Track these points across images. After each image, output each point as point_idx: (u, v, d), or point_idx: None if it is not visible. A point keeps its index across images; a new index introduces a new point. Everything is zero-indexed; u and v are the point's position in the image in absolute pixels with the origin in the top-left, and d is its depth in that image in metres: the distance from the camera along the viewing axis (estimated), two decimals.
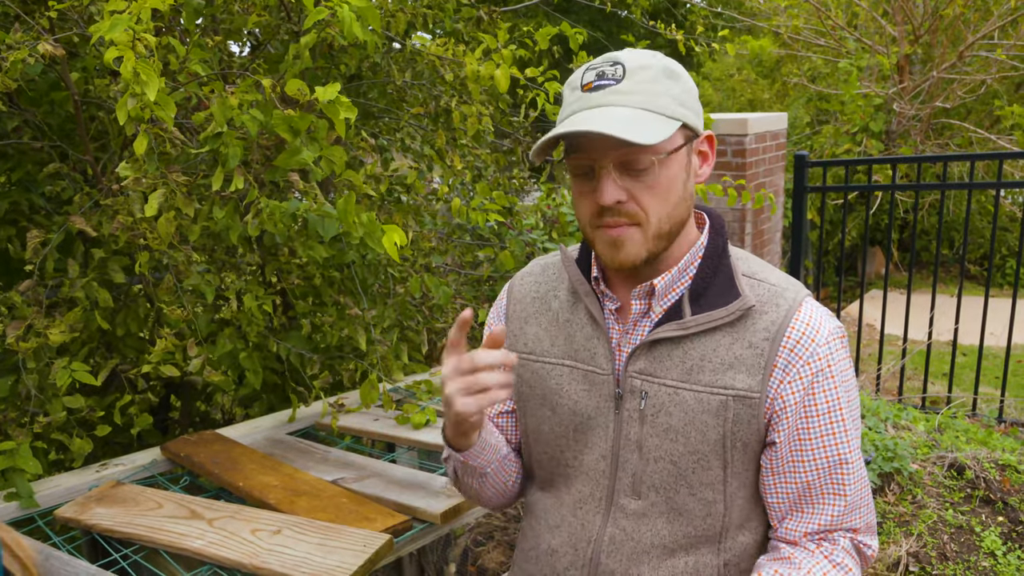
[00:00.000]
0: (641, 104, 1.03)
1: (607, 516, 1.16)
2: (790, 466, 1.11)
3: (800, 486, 1.11)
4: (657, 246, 1.08)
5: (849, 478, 1.11)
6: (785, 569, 1.10)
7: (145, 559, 1.75)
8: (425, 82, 2.93)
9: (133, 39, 1.58)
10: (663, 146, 1.04)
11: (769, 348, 1.07)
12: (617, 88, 1.04)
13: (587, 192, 1.07)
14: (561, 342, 1.19)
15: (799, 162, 4.49)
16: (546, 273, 1.27)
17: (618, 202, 1.04)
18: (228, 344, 2.29)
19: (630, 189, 1.04)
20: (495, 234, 3.57)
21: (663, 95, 1.04)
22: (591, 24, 10.11)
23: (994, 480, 3.00)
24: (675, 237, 1.10)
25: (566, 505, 1.20)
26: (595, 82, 1.05)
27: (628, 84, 1.04)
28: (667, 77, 1.06)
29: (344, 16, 1.75)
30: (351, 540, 1.64)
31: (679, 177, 1.07)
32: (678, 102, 1.05)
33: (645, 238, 1.06)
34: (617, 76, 1.04)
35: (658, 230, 1.06)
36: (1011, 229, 8.78)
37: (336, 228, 1.99)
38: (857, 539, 1.14)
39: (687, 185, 1.09)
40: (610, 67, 1.06)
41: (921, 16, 7.57)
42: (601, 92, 1.04)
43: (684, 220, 1.10)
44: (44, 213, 2.46)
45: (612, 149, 1.03)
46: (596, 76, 1.06)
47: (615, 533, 1.15)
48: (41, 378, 2.05)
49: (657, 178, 1.04)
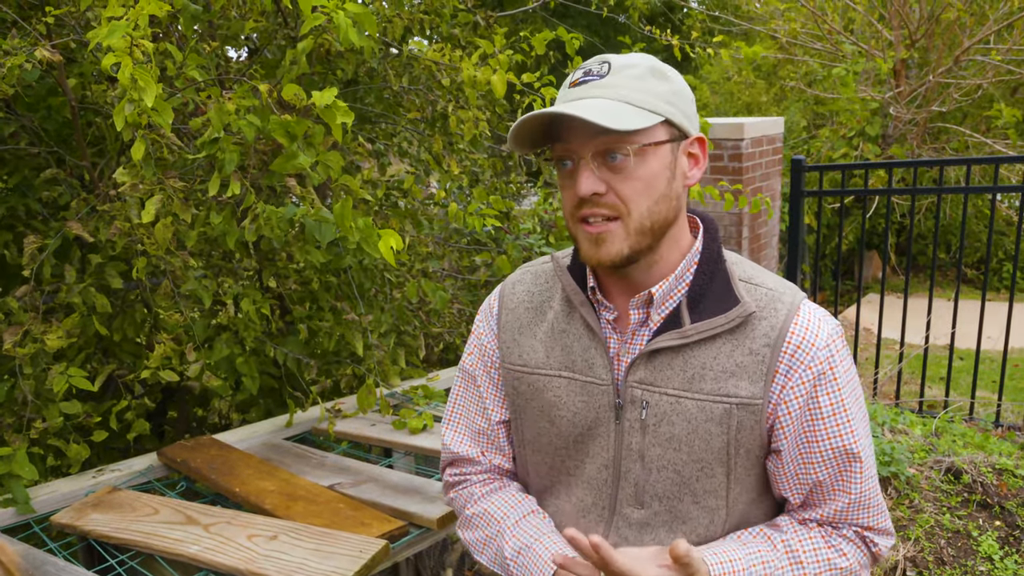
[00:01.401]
0: (621, 97, 1.03)
1: (609, 525, 1.16)
2: (801, 468, 1.11)
3: (811, 486, 1.12)
4: (639, 243, 1.06)
5: (857, 476, 1.10)
6: (770, 530, 1.13)
7: (141, 565, 1.75)
8: (422, 87, 2.94)
9: (131, 45, 1.58)
10: (640, 137, 1.03)
11: (770, 354, 1.07)
12: (600, 82, 1.05)
13: (568, 185, 1.08)
14: (558, 353, 1.18)
15: (796, 166, 4.50)
16: (538, 281, 1.25)
17: (596, 193, 1.04)
18: (225, 349, 2.29)
19: (609, 181, 1.04)
20: (492, 239, 3.58)
21: (646, 91, 1.05)
22: (588, 29, 10.13)
23: (991, 484, 3.00)
24: (659, 236, 1.09)
25: (568, 514, 1.20)
26: (581, 79, 1.07)
27: (611, 79, 1.05)
28: (653, 75, 1.07)
29: (340, 22, 1.75)
30: (347, 545, 1.64)
31: (661, 174, 1.06)
32: (663, 99, 1.06)
33: (627, 233, 1.05)
34: (602, 72, 1.06)
35: (639, 225, 1.05)
36: (1007, 233, 8.80)
37: (333, 233, 1.99)
38: (865, 533, 1.14)
39: (672, 184, 1.08)
40: (598, 65, 1.07)
41: (917, 20, 7.60)
42: (585, 87, 1.06)
43: (669, 220, 1.09)
44: (41, 219, 2.47)
45: (590, 139, 1.03)
46: (583, 74, 1.07)
47: (617, 542, 1.15)
48: (38, 384, 2.05)
49: (636, 170, 1.04)
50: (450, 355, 3.59)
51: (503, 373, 1.24)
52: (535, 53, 2.87)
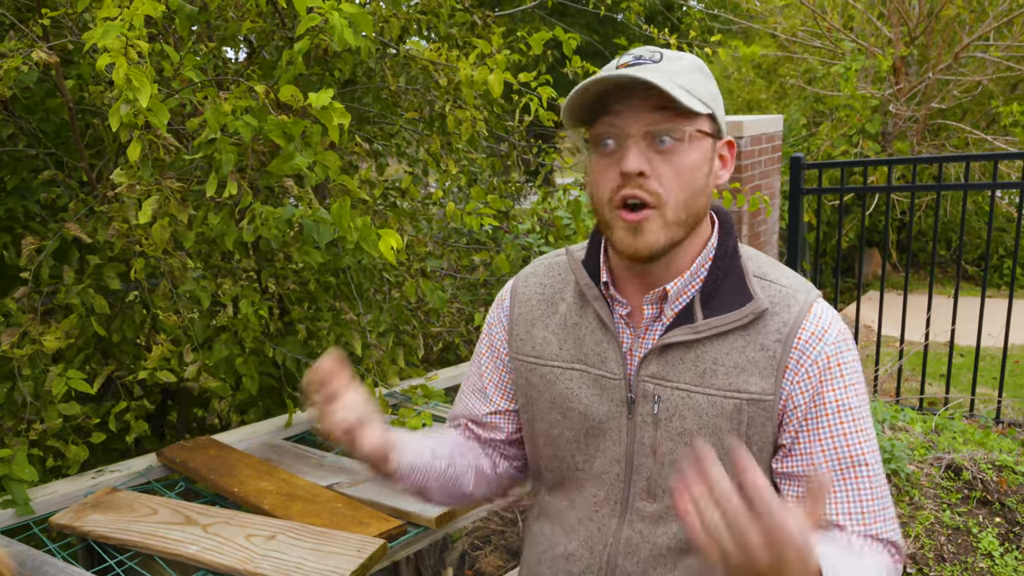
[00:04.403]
0: (677, 83, 1.03)
1: (623, 519, 1.16)
2: (802, 469, 1.09)
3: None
4: (675, 234, 1.06)
5: (864, 482, 1.08)
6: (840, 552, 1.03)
7: (140, 565, 1.75)
8: (419, 87, 2.94)
9: (125, 45, 1.59)
10: (693, 123, 1.04)
11: (781, 350, 1.07)
12: (653, 66, 1.04)
13: (609, 165, 1.06)
14: (570, 346, 1.18)
15: (795, 164, 4.50)
16: (551, 274, 1.25)
17: (640, 173, 1.02)
18: (224, 350, 2.29)
19: (654, 164, 1.03)
20: (491, 238, 3.58)
21: (696, 83, 1.05)
22: (587, 28, 10.12)
23: (991, 481, 3.00)
24: (691, 230, 1.08)
25: (581, 509, 1.20)
26: (632, 62, 1.06)
27: (665, 65, 1.04)
28: (701, 72, 1.08)
29: (336, 23, 1.75)
30: (345, 545, 1.65)
31: (702, 167, 1.06)
32: (709, 95, 1.06)
33: (664, 223, 1.04)
34: (655, 59, 1.06)
35: (676, 216, 1.05)
36: (1007, 229, 8.79)
37: (331, 233, 1.99)
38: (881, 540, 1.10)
39: (708, 180, 1.08)
40: (649, 52, 1.07)
41: (917, 17, 7.59)
42: (636, 68, 1.04)
43: (701, 216, 1.09)
44: (39, 220, 2.47)
45: (644, 115, 1.02)
46: (634, 57, 1.06)
47: (631, 536, 1.15)
48: (37, 385, 2.06)
49: (682, 158, 1.03)
50: (449, 355, 3.60)
51: (515, 365, 1.24)
52: (533, 53, 2.87)
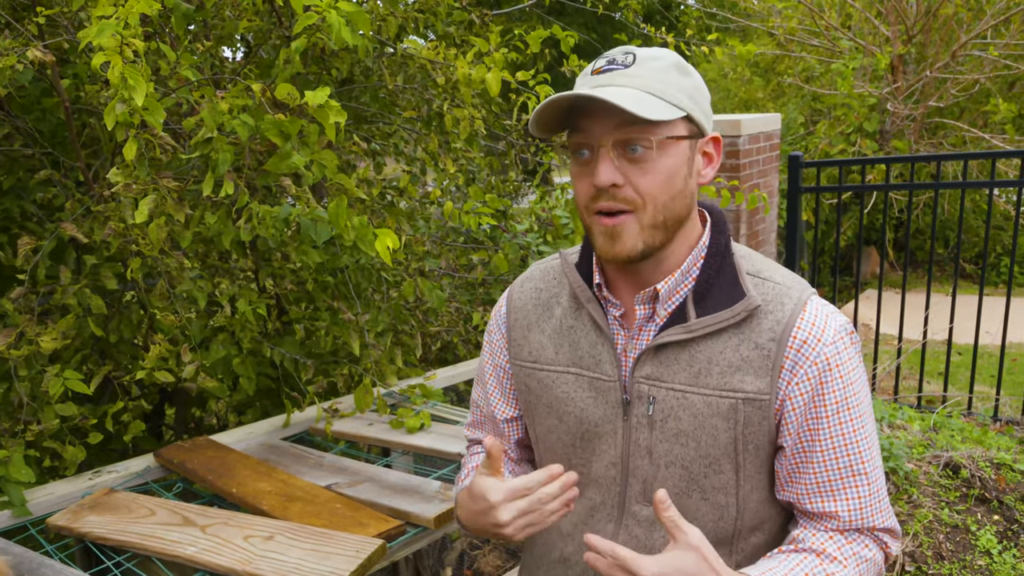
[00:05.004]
0: (646, 87, 1.02)
1: (619, 524, 1.15)
2: (803, 467, 1.09)
3: (813, 486, 1.09)
4: (653, 238, 1.05)
5: (862, 477, 1.08)
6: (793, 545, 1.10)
7: (138, 567, 1.74)
8: (417, 86, 2.93)
9: (121, 44, 1.58)
10: (662, 130, 1.03)
11: (776, 349, 1.06)
12: (625, 71, 1.04)
13: (585, 174, 1.06)
14: (566, 349, 1.18)
15: (793, 163, 4.50)
16: (546, 278, 1.25)
17: (614, 185, 1.02)
18: (222, 350, 2.29)
19: (627, 173, 1.03)
20: (489, 237, 3.57)
21: (670, 84, 1.04)
22: (585, 27, 10.11)
23: (989, 479, 3.00)
24: (673, 233, 1.08)
25: (578, 513, 1.20)
26: (605, 67, 1.06)
27: (636, 69, 1.04)
28: (677, 70, 1.06)
29: (333, 21, 1.75)
30: (344, 545, 1.64)
31: (679, 170, 1.05)
32: (685, 94, 1.05)
33: (641, 227, 1.04)
34: (627, 62, 1.05)
35: (653, 220, 1.04)
36: (1005, 228, 8.80)
37: (328, 232, 1.99)
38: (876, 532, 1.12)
39: (688, 181, 1.07)
40: (622, 55, 1.06)
41: (914, 16, 7.59)
42: (608, 74, 1.04)
43: (683, 217, 1.08)
44: (36, 220, 2.46)
45: (611, 129, 1.02)
46: (607, 62, 1.06)
47: (627, 540, 1.14)
48: (33, 386, 2.05)
49: (655, 164, 1.03)
50: (447, 354, 3.59)
51: (514, 371, 1.25)
52: (530, 51, 2.86)
